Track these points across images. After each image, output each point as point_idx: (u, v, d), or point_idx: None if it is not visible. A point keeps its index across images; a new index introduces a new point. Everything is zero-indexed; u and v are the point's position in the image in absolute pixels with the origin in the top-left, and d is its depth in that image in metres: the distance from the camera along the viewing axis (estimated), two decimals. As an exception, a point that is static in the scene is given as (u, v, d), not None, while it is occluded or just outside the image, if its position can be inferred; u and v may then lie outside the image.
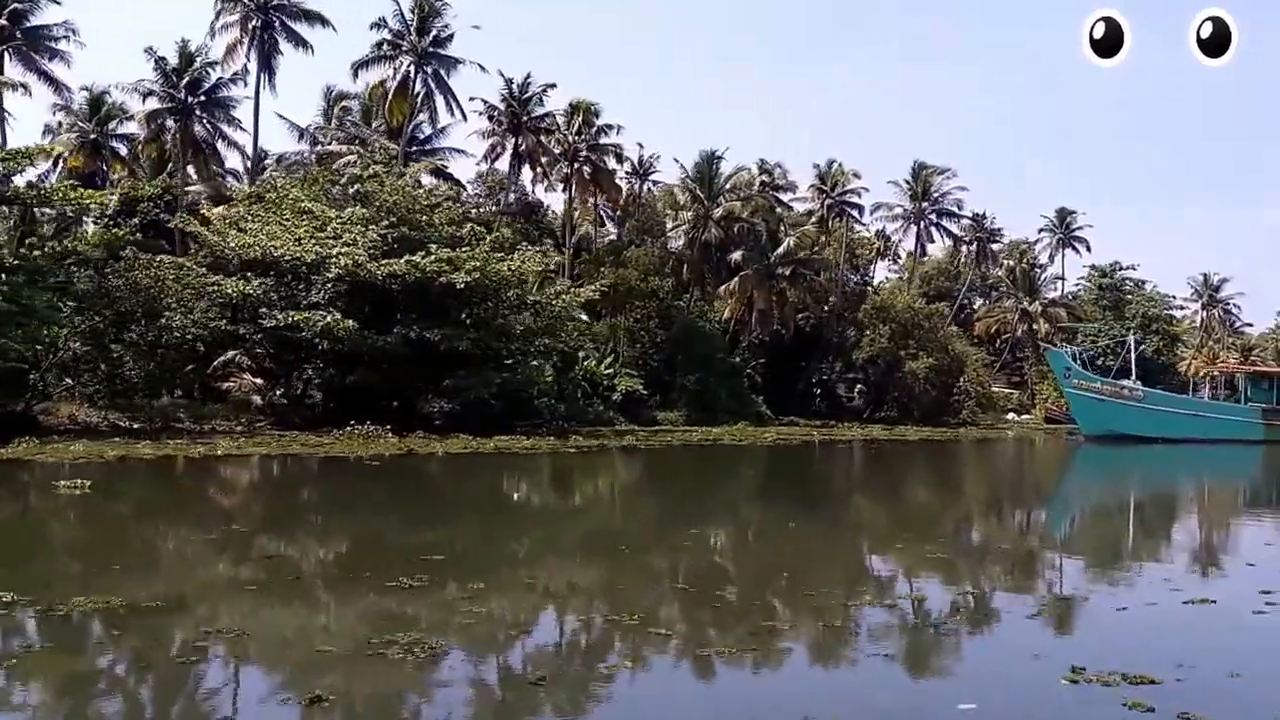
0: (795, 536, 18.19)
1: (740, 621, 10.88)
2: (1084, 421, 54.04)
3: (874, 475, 36.43)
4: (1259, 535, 20.86)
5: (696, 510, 22.02)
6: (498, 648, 9.89)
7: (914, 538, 18.03)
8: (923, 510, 24.87)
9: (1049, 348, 58.11)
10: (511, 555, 15.64)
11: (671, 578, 13.62)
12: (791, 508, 23.48)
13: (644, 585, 13.28)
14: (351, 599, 11.68)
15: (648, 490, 29.11)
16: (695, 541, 17.05)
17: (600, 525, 20.46)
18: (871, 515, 23.57)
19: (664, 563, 14.94)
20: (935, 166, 70.48)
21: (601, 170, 59.85)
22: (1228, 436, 51.95)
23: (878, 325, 64.67)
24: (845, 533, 19.91)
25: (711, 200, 61.34)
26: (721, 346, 58.56)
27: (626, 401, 55.21)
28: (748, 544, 18.41)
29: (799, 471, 36.84)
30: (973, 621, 11.50)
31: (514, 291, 40.95)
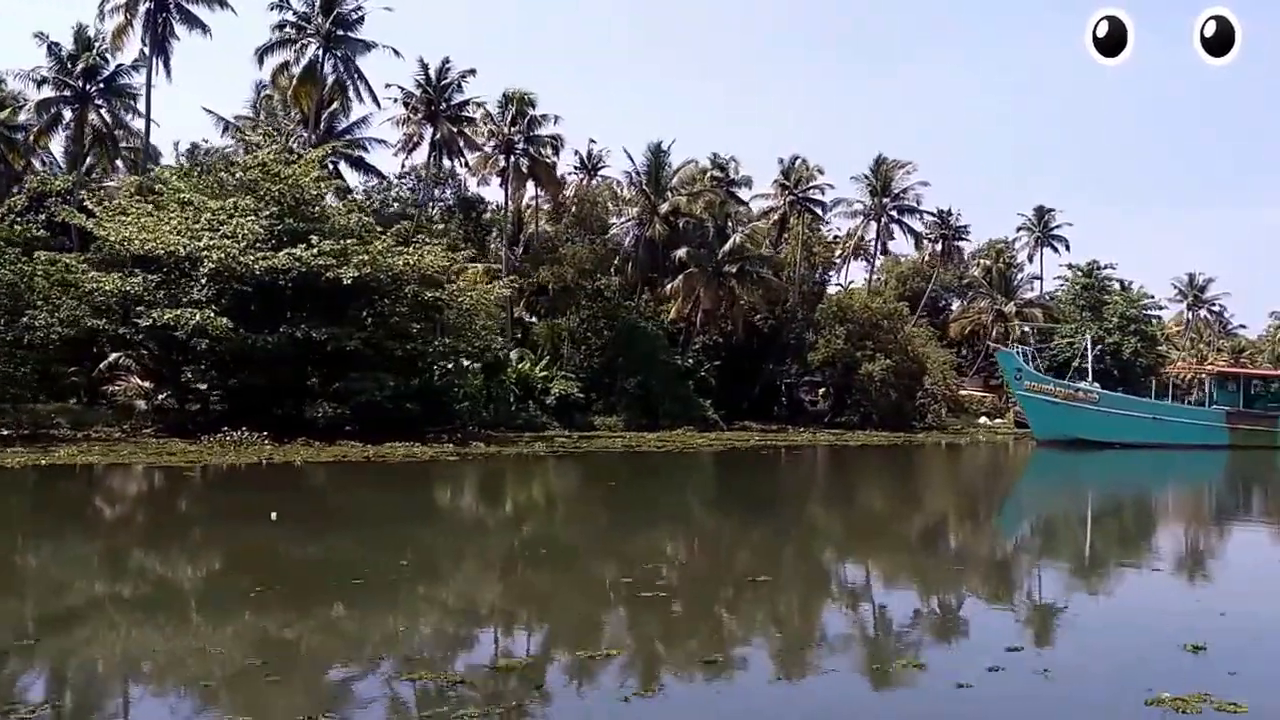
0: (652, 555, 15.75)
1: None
2: (1037, 425, 51.09)
3: (778, 485, 33.69)
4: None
5: (575, 521, 19.58)
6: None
7: (754, 571, 15.31)
8: (776, 530, 22.11)
9: (998, 348, 55.05)
10: (390, 571, 14.04)
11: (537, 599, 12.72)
12: (657, 524, 20.87)
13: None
14: (206, 622, 10.87)
15: (527, 501, 26.43)
16: (564, 558, 15.84)
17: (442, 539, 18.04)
18: (714, 534, 20.84)
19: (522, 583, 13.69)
20: (897, 160, 67.68)
21: (540, 163, 57.28)
22: (1190, 441, 49.01)
23: (834, 326, 61.84)
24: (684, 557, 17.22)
25: (659, 195, 58.72)
26: (665, 348, 55.83)
27: (562, 406, 52.57)
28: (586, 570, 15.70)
29: (708, 481, 34.12)
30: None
31: (411, 288, 38.28)
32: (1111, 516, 26.35)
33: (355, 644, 10.53)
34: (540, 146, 57.02)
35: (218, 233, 35.89)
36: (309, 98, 45.68)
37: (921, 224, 72.79)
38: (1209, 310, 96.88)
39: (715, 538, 19.91)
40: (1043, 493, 33.03)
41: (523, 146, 56.32)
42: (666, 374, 55.53)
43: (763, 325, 66.26)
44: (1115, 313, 78.98)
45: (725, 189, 64.59)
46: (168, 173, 39.53)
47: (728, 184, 64.76)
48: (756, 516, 22.87)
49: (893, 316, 63.44)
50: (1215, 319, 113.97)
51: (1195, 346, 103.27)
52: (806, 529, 22.08)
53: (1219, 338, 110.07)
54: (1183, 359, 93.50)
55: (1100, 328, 78.53)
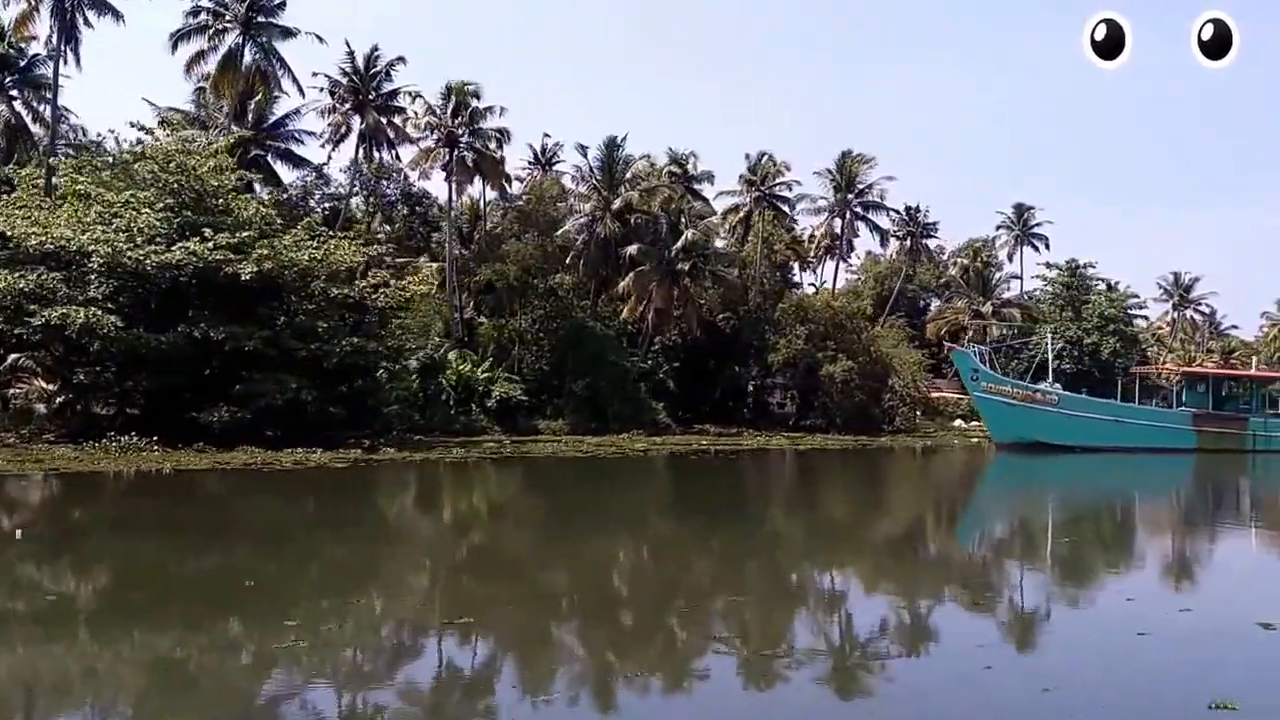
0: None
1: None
2: (994, 428, 48.87)
3: (697, 492, 31.64)
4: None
5: (460, 534, 17.70)
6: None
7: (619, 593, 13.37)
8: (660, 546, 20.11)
9: (953, 348, 52.79)
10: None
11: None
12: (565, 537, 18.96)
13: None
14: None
15: (433, 512, 24.46)
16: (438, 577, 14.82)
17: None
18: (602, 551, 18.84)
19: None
20: (861, 155, 65.50)
21: (485, 157, 55.29)
22: (1155, 444, 46.81)
23: (794, 326, 59.77)
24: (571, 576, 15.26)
25: (612, 190, 56.70)
26: (615, 349, 53.76)
27: (504, 409, 50.59)
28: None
29: (612, 490, 32.12)
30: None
31: (317, 284, 36.31)
32: (1063, 532, 24.27)
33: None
34: (485, 140, 55.07)
35: (111, 226, 33.94)
36: (230, 87, 43.69)
37: (889, 220, 70.43)
38: (1195, 310, 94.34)
39: (571, 561, 17.90)
40: (990, 506, 30.87)
41: (467, 140, 54.38)
42: (616, 376, 53.46)
43: (725, 325, 64.22)
44: (1094, 312, 76.90)
45: (684, 185, 62.59)
46: (64, 165, 37.54)
47: (686, 180, 62.76)
48: (648, 528, 20.93)
49: (856, 317, 61.35)
50: (1207, 319, 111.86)
51: (1185, 347, 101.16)
52: (693, 542, 20.10)
53: (1210, 338, 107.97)
54: (1170, 359, 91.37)
55: (1079, 328, 76.52)
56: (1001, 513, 27.30)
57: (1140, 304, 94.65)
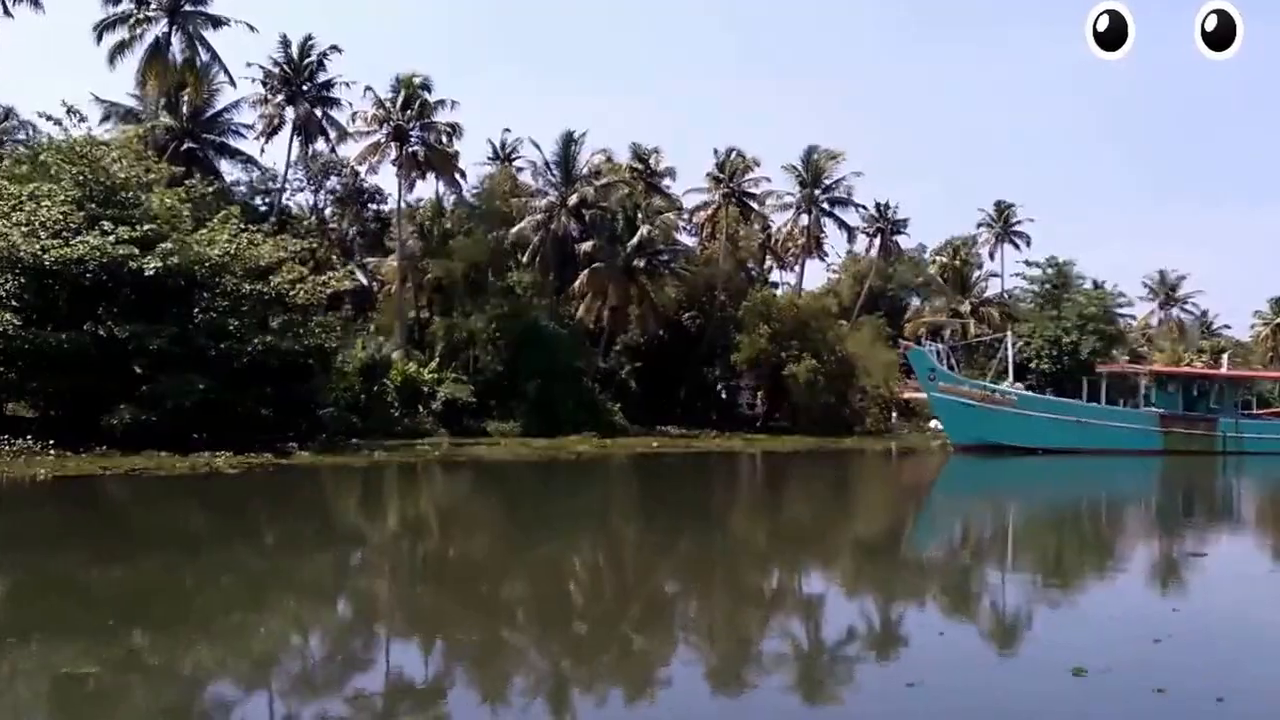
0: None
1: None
2: (952, 430, 47.16)
3: (624, 497, 30.03)
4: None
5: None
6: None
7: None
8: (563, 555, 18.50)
9: (909, 346, 50.99)
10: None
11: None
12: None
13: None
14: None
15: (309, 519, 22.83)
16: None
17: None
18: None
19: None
20: (828, 150, 63.88)
21: (436, 151, 53.83)
22: (1120, 446, 45.09)
23: (758, 325, 58.14)
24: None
25: (569, 186, 55.20)
26: (568, 348, 52.15)
27: (450, 411, 49.08)
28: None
29: (534, 497, 30.50)
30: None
31: (230, 278, 34.71)
32: (993, 547, 22.62)
33: None
34: (437, 134, 53.68)
35: (10, 220, 32.38)
36: (159, 79, 42.16)
37: (859, 217, 68.87)
38: (1182, 309, 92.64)
39: (449, 574, 16.30)
40: (937, 513, 29.14)
41: (417, 134, 53.00)
42: (569, 377, 51.87)
43: (690, 325, 62.74)
44: (1074, 311, 75.16)
45: (645, 181, 61.08)
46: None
47: (648, 175, 61.20)
48: (544, 535, 19.32)
49: (821, 315, 59.70)
50: (1199, 319, 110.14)
51: (1174, 347, 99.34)
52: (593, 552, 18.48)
53: (1202, 337, 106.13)
54: (1160, 360, 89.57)
55: (1058, 327, 74.80)
56: (898, 527, 25.66)
57: (1128, 302, 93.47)
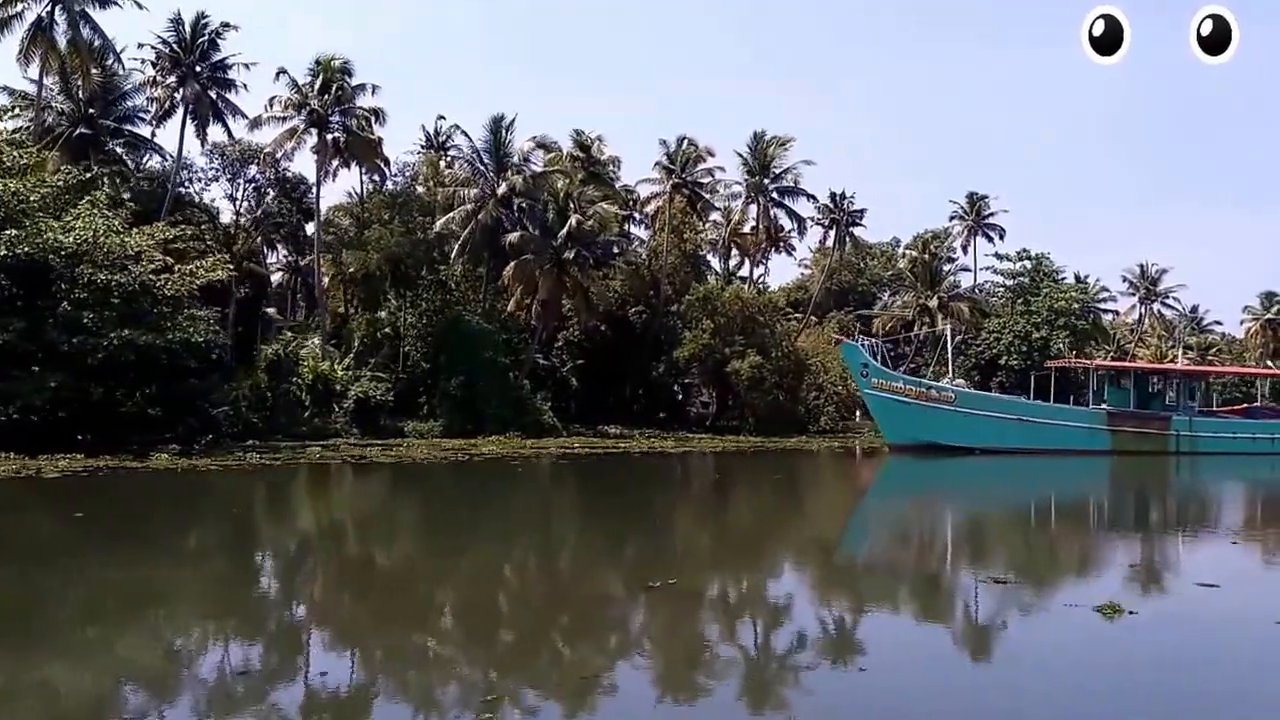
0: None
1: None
2: (887, 429, 44.37)
3: (503, 505, 27.37)
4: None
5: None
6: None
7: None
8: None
9: (841, 340, 48.09)
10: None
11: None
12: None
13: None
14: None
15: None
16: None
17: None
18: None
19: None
20: (777, 137, 60.99)
21: (358, 138, 51.29)
22: (1064, 446, 42.36)
23: (700, 319, 55.51)
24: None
25: (499, 174, 52.54)
26: (494, 344, 49.54)
27: (365, 410, 46.55)
28: None
29: (435, 497, 27.95)
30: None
31: (87, 269, 32.19)
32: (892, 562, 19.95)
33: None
34: (358, 119, 51.19)
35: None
36: (44, 61, 39.59)
37: (814, 208, 66.16)
38: (1164, 304, 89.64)
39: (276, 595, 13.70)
40: (857, 520, 26.46)
41: (338, 120, 50.49)
42: (495, 374, 49.26)
43: (636, 320, 60.13)
44: (1044, 306, 72.42)
45: (586, 170, 58.42)
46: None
47: (588, 164, 58.53)
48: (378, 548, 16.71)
49: (768, 310, 57.00)
50: (1190, 314, 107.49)
51: (1161, 343, 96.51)
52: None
53: (1191, 333, 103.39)
54: (1146, 357, 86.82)
55: (1028, 322, 72.11)
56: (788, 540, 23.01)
57: (1110, 298, 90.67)
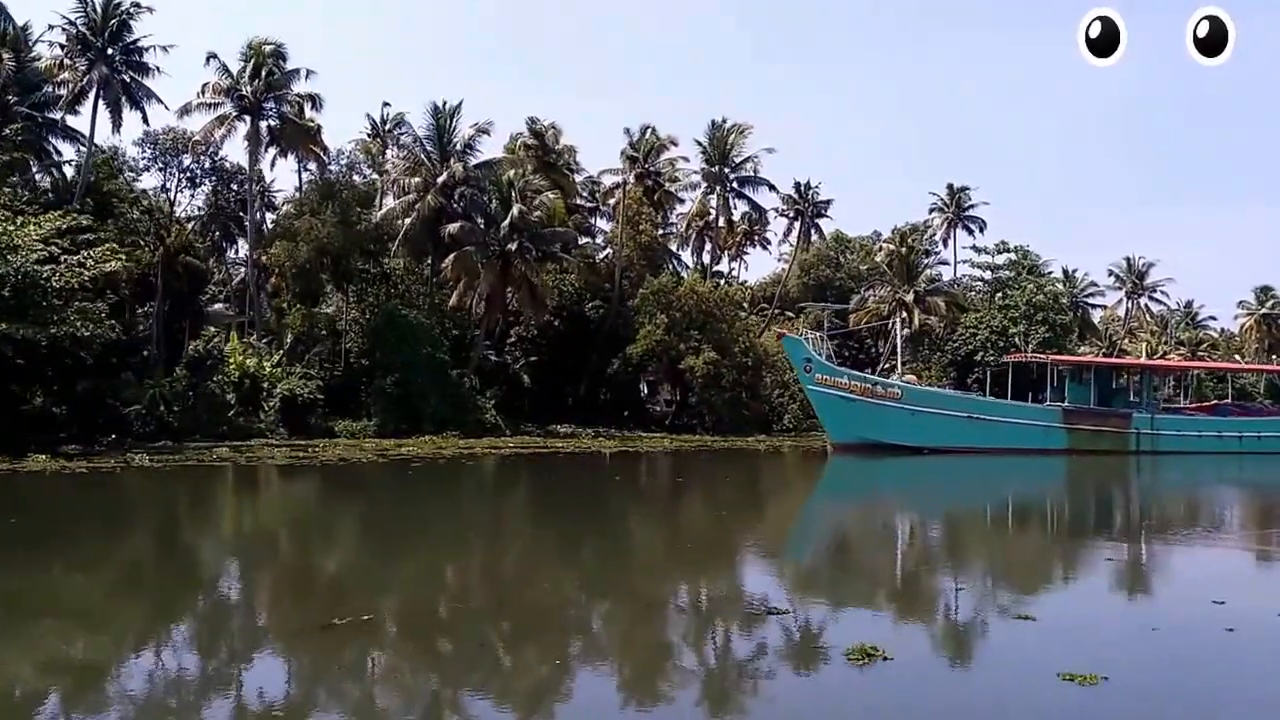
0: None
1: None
2: (832, 427, 42.19)
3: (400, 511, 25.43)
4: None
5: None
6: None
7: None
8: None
9: (783, 334, 45.76)
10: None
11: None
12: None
13: None
14: None
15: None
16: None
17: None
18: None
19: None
20: (737, 124, 58.79)
21: (293, 125, 49.45)
22: (1018, 445, 40.18)
23: (655, 314, 53.43)
24: None
25: (443, 163, 50.58)
26: (432, 340, 47.58)
27: (293, 409, 44.58)
28: None
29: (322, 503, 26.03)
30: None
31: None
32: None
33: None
34: (294, 106, 49.38)
35: None
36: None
37: (779, 199, 64.08)
38: (1150, 298, 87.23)
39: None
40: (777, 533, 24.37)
41: (271, 106, 48.69)
42: (433, 371, 47.27)
43: (593, 315, 58.11)
44: (1022, 300, 70.09)
45: (539, 159, 56.39)
46: None
47: (542, 153, 56.50)
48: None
49: (725, 304, 54.86)
50: (1184, 310, 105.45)
51: (1156, 338, 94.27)
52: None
53: (1186, 329, 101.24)
54: (1132, 354, 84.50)
55: (1005, 317, 69.80)
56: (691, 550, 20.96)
57: (1099, 292, 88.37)
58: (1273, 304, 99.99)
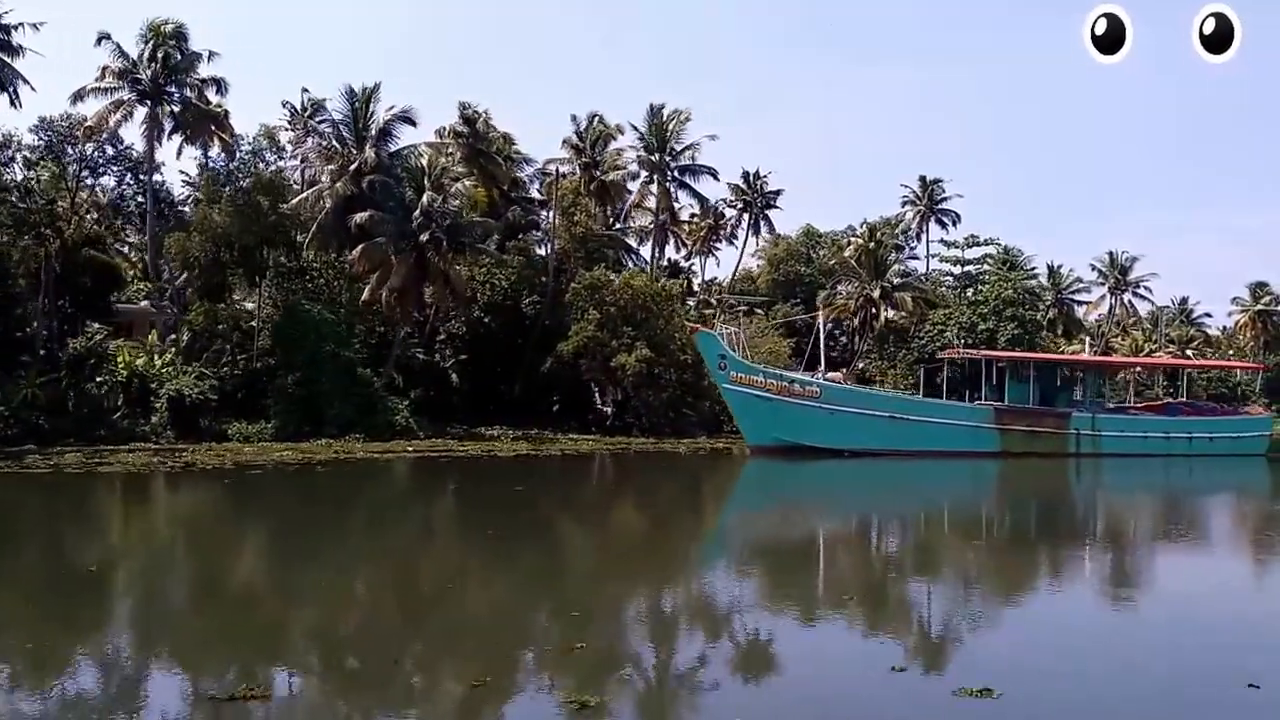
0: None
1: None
2: (748, 428, 39.09)
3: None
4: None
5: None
6: None
7: None
8: None
9: (696, 328, 42.52)
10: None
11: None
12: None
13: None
14: None
15: None
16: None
17: None
18: None
19: None
20: (677, 110, 55.76)
21: (196, 110, 46.81)
22: (947, 448, 37.05)
23: (587, 310, 50.53)
24: None
25: (360, 149, 47.87)
26: (337, 336, 44.81)
27: (183, 410, 41.83)
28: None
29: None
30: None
31: None
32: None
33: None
34: (196, 90, 46.78)
35: None
36: None
37: (728, 189, 61.13)
38: (1134, 293, 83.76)
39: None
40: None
41: (172, 91, 46.13)
42: (340, 370, 44.49)
43: (529, 310, 55.27)
44: (991, 295, 66.87)
45: (471, 147, 53.61)
46: None
47: (472, 139, 53.67)
48: None
49: (663, 299, 51.86)
50: (1178, 307, 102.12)
51: (1136, 336, 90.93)
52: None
53: (1180, 325, 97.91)
54: (1120, 351, 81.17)
55: (974, 313, 66.58)
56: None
57: (1084, 288, 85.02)
58: (1269, 299, 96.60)
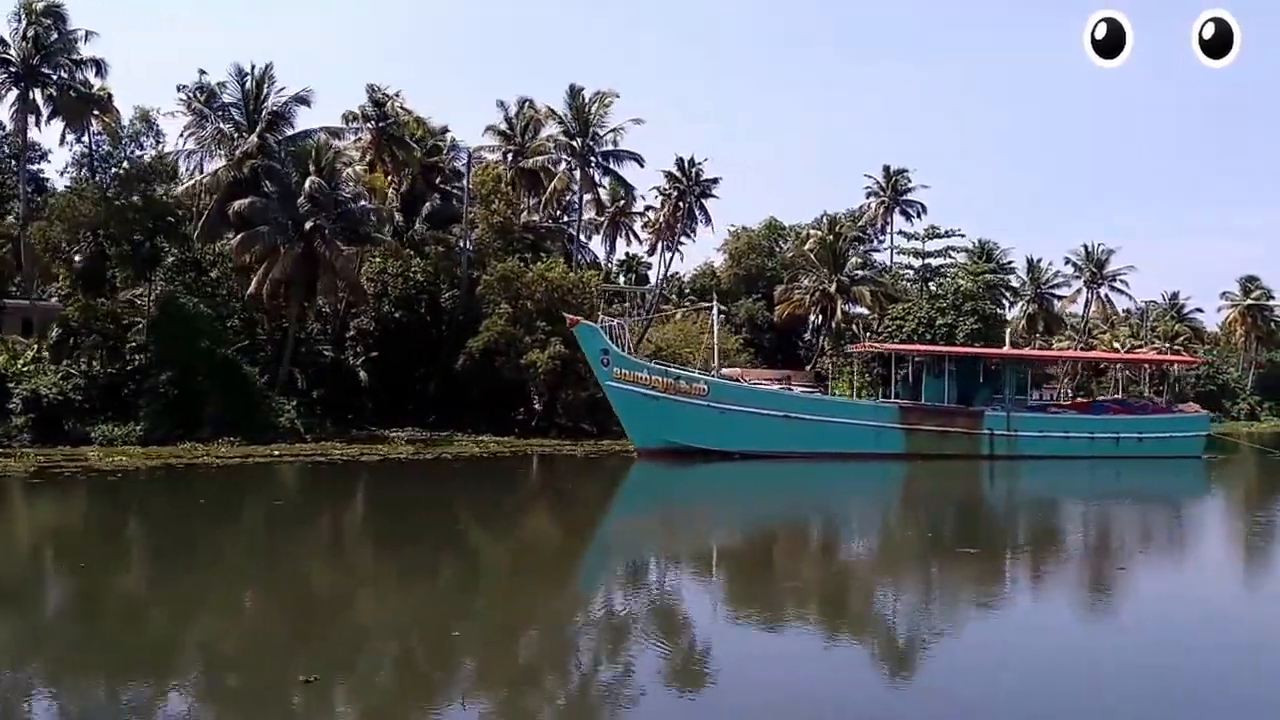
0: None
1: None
2: (633, 429, 35.65)
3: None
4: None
5: None
6: None
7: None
8: None
9: (578, 321, 38.90)
10: None
11: None
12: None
13: None
14: None
15: None
16: None
17: None
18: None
19: None
20: (599, 92, 52.23)
21: (73, 93, 43.93)
22: (847, 449, 33.62)
23: (499, 303, 47.37)
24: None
25: (252, 133, 44.88)
26: (213, 332, 41.80)
27: (42, 411, 38.86)
28: None
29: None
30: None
31: None
32: None
33: None
34: (74, 72, 43.95)
35: None
36: None
37: (662, 177, 57.89)
38: (1111, 286, 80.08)
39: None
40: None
41: (48, 72, 43.30)
42: (219, 368, 41.46)
43: (448, 305, 52.15)
44: (950, 289, 63.47)
45: (380, 133, 50.55)
46: None
47: (380, 122, 50.57)
48: None
49: (582, 293, 48.55)
50: (1170, 303, 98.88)
51: (1117, 332, 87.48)
52: None
53: (1169, 321, 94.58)
54: (1100, 347, 77.81)
55: (933, 307, 63.10)
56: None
57: (1064, 282, 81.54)
58: (1258, 294, 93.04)
